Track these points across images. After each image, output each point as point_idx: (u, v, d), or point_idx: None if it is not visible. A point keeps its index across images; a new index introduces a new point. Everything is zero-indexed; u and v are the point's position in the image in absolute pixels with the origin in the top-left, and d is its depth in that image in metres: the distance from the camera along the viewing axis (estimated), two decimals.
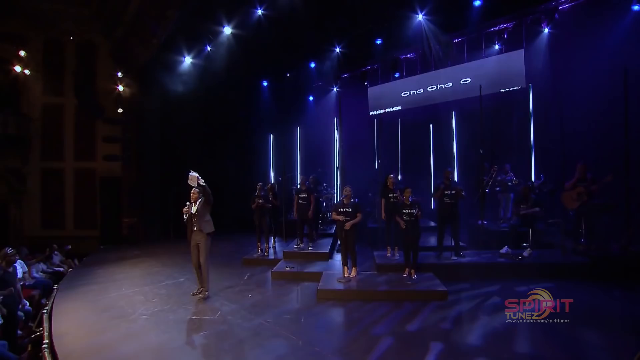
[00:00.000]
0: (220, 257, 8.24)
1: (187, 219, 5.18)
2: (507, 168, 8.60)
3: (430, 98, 11.13)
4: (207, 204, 5.13)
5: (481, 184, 8.41)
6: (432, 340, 3.67)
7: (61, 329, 4.39)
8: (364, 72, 12.93)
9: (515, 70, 9.37)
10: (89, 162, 11.09)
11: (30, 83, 10.69)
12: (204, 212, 5.09)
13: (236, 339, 3.88)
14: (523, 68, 9.24)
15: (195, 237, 5.14)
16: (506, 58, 9.53)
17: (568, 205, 6.32)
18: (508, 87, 9.51)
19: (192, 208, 5.14)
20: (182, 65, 10.34)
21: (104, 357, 3.60)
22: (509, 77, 9.48)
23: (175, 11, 8.23)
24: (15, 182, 10.74)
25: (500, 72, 9.63)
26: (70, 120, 11.01)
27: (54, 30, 10.82)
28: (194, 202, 5.15)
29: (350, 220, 5.53)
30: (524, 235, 6.21)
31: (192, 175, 5.06)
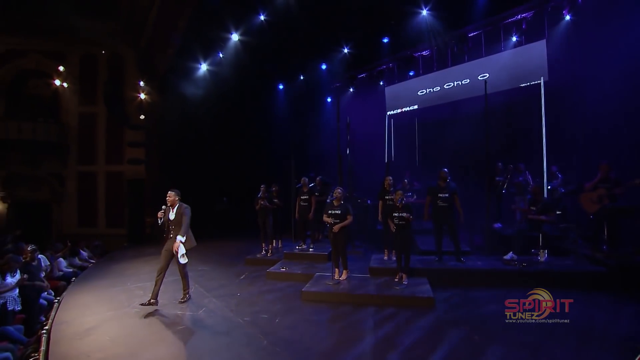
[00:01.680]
0: (226, 256, 8.52)
1: (161, 223, 5.00)
2: (522, 167, 8.00)
3: (447, 95, 10.67)
4: (186, 217, 4.86)
5: (495, 185, 7.94)
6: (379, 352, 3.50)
7: (62, 317, 4.80)
8: (380, 71, 12.72)
9: (537, 63, 8.70)
10: (117, 166, 11.97)
11: (68, 95, 11.78)
12: (182, 220, 4.83)
13: (207, 335, 3.98)
14: (545, 60, 8.56)
15: (171, 245, 4.87)
16: (526, 50, 8.88)
17: (587, 208, 5.73)
18: (529, 81, 8.85)
19: (169, 214, 4.95)
20: (198, 72, 10.83)
21: (84, 343, 3.90)
22: (529, 70, 8.81)
23: (185, 22, 8.64)
24: (56, 184, 11.88)
25: (521, 65, 8.99)
26: (102, 127, 11.98)
27: (88, 45, 11.83)
28: (170, 206, 4.97)
29: (339, 223, 5.44)
30: (535, 240, 5.70)
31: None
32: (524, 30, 8.70)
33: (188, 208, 4.99)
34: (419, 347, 3.54)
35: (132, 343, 3.83)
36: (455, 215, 5.86)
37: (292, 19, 8.92)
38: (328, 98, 14.06)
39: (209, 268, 7.39)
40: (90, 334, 4.15)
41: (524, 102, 9.07)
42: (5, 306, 5.78)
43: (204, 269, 7.28)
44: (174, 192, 5.04)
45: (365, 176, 12.39)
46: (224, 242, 10.43)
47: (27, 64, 12.08)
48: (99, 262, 8.53)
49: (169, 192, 5.02)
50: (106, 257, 9.19)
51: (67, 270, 8.12)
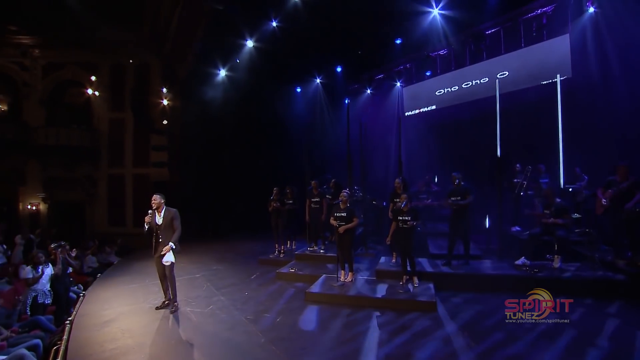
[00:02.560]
0: (241, 256, 8.76)
1: (148, 228, 4.84)
2: (542, 169, 7.65)
3: (465, 95, 10.41)
4: (177, 220, 4.81)
5: (513, 187, 7.65)
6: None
7: (85, 310, 5.18)
8: (398, 71, 12.60)
9: (559, 59, 8.31)
10: (143, 168, 12.63)
11: (99, 102, 12.60)
12: (173, 226, 4.79)
13: (211, 331, 4.17)
14: (568, 56, 8.16)
15: (160, 250, 4.76)
16: (548, 46, 8.51)
17: (596, 210, 5.44)
18: (551, 78, 8.45)
19: (156, 218, 4.82)
20: (217, 78, 11.23)
21: (100, 333, 4.22)
22: (551, 66, 8.43)
23: (203, 30, 9.00)
24: (89, 186, 12.72)
25: (542, 61, 8.63)
26: (129, 132, 12.69)
27: (117, 55, 12.60)
28: (157, 210, 4.83)
29: (344, 225, 5.48)
30: (550, 245, 5.46)
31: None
32: (545, 25, 8.33)
33: (177, 212, 4.91)
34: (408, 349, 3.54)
35: (141, 336, 4.08)
36: (467, 218, 5.70)
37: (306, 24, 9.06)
38: (346, 100, 14.08)
39: (223, 267, 7.64)
40: (107, 326, 4.46)
41: (546, 101, 8.67)
42: (36, 299, 6.33)
43: (218, 268, 7.54)
44: (159, 196, 4.91)
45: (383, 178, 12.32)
46: (241, 242, 10.74)
47: (64, 75, 13.04)
48: (123, 260, 9.05)
49: (154, 196, 4.88)
50: (130, 255, 9.73)
51: (95, 267, 8.69)
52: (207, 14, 8.52)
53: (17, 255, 8.37)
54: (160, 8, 10.39)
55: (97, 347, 3.88)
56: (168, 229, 4.78)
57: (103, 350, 3.78)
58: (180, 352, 3.67)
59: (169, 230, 4.79)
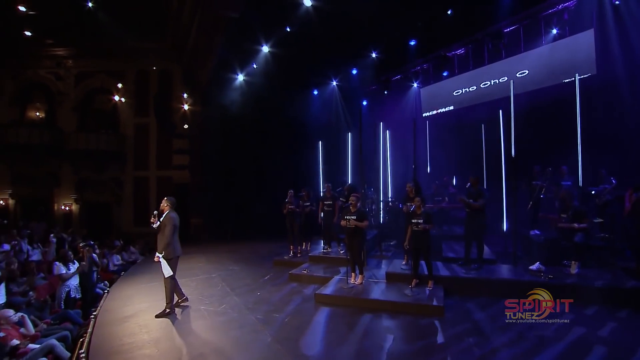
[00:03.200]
0: (257, 257, 8.95)
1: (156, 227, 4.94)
2: (565, 170, 7.34)
3: (483, 95, 10.19)
4: (168, 227, 4.83)
5: (533, 189, 7.41)
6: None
7: (108, 306, 5.50)
8: (415, 72, 12.48)
9: (583, 56, 7.98)
10: (166, 171, 13.16)
11: (125, 108, 13.26)
12: (164, 232, 4.84)
13: (221, 329, 4.32)
14: (593, 52, 7.83)
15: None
16: (570, 42, 8.19)
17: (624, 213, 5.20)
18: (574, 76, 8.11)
19: (157, 221, 4.91)
20: (236, 82, 11.54)
21: (120, 328, 4.48)
22: (574, 64, 8.11)
23: (221, 37, 9.30)
24: (116, 188, 13.40)
25: (564, 59, 8.33)
26: (153, 136, 13.27)
27: (142, 63, 13.22)
28: (160, 213, 4.96)
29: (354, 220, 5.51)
30: (567, 250, 5.27)
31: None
32: (566, 21, 8.03)
33: (173, 218, 4.91)
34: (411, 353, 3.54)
35: (156, 331, 4.30)
36: (481, 220, 5.60)
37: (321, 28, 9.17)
38: (363, 101, 14.08)
39: (239, 268, 7.84)
40: (126, 321, 4.73)
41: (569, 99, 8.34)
42: (69, 294, 6.78)
43: (234, 269, 7.75)
44: (165, 200, 5.02)
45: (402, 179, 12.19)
46: (258, 243, 10.94)
47: (94, 83, 13.83)
48: (145, 259, 9.46)
49: (163, 200, 5.02)
50: (153, 254, 10.14)
51: (120, 265, 9.16)
52: (223, 22, 8.79)
53: (50, 253, 8.94)
54: (181, 18, 10.82)
55: (116, 340, 4.13)
56: (161, 234, 4.88)
57: (122, 344, 4.03)
58: (190, 348, 3.84)
59: (161, 235, 4.87)
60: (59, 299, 6.54)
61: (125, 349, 3.90)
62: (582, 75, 8.01)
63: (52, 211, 13.61)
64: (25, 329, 4.99)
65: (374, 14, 9.20)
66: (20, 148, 13.12)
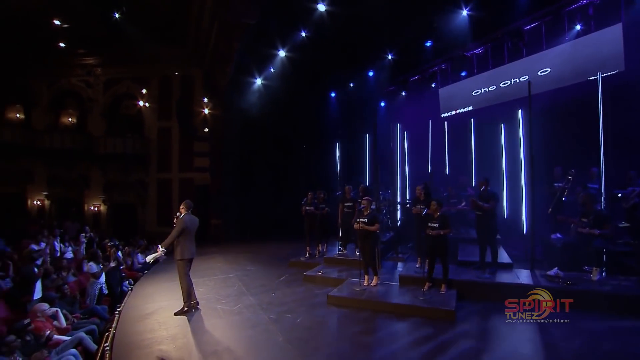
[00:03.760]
0: (274, 258, 9.10)
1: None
2: (595, 172, 7.04)
3: (503, 94, 9.90)
4: (176, 227, 5.05)
5: (554, 192, 7.17)
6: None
7: (131, 303, 5.80)
8: (433, 73, 12.30)
9: (610, 51, 7.61)
10: (188, 173, 13.64)
11: (149, 112, 13.84)
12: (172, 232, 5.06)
13: (235, 328, 4.49)
14: (621, 47, 7.46)
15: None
16: (596, 38, 7.83)
17: None
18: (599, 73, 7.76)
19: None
20: (254, 86, 11.79)
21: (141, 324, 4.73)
22: (600, 60, 7.75)
23: (239, 43, 9.56)
24: (140, 190, 14.00)
25: (589, 55, 7.95)
26: (176, 139, 13.78)
27: (165, 69, 13.77)
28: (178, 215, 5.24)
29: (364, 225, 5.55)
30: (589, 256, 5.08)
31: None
32: (592, 15, 7.70)
33: (185, 220, 5.15)
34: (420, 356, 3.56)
35: (174, 328, 4.52)
36: (491, 224, 5.51)
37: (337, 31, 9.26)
38: (381, 103, 14.03)
39: (255, 268, 8.03)
40: (147, 318, 4.98)
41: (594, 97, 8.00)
42: (102, 290, 7.19)
43: (251, 269, 7.95)
44: (183, 203, 5.37)
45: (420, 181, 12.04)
46: (276, 244, 11.12)
47: (121, 89, 14.53)
48: (168, 259, 9.82)
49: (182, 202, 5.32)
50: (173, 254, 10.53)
51: (143, 263, 9.57)
52: (241, 28, 9.04)
53: (80, 252, 9.49)
54: (201, 24, 11.19)
55: (137, 336, 4.37)
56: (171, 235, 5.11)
57: (142, 339, 4.26)
58: (204, 345, 4.02)
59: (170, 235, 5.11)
60: (92, 296, 6.93)
61: (145, 344, 4.12)
62: (609, 72, 7.68)
63: (83, 211, 14.39)
64: (58, 322, 5.36)
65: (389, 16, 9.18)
66: (55, 152, 14.01)
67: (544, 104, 8.96)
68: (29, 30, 12.07)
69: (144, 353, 3.91)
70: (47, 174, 14.48)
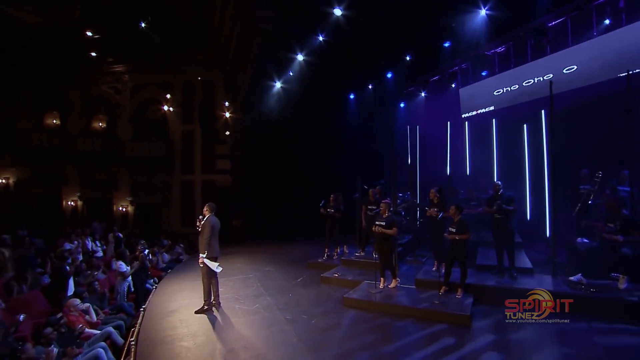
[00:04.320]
0: (293, 259, 9.23)
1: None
2: (626, 175, 6.71)
3: (526, 94, 9.61)
4: (206, 229, 5.26)
5: (580, 195, 6.90)
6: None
7: (155, 300, 6.08)
8: (453, 73, 12.09)
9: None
10: (210, 175, 14.06)
11: (173, 116, 14.38)
12: (203, 234, 5.28)
13: (253, 327, 4.63)
14: None
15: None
16: (627, 32, 7.46)
17: None
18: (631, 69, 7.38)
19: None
20: (274, 90, 12.01)
21: (164, 321, 4.95)
22: (632, 55, 7.39)
23: (258, 47, 9.79)
24: (165, 191, 14.56)
25: (619, 51, 7.60)
26: (198, 142, 14.27)
27: (188, 74, 14.27)
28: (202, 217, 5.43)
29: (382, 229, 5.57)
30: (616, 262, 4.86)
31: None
32: (622, 8, 7.35)
33: (210, 221, 5.33)
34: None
35: (194, 326, 4.72)
36: (508, 228, 5.39)
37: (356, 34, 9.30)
38: (401, 104, 13.93)
39: (274, 269, 8.18)
40: (169, 316, 5.22)
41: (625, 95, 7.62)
42: (129, 288, 7.57)
43: (270, 270, 8.11)
44: (206, 205, 5.54)
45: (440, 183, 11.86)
46: (295, 245, 11.26)
47: (146, 95, 15.18)
48: (190, 258, 10.19)
49: (205, 205, 5.56)
50: (193, 255, 10.88)
51: (168, 262, 9.97)
52: (260, 33, 9.26)
53: (109, 251, 10.00)
54: (222, 30, 11.52)
55: (160, 332, 4.60)
56: (201, 236, 5.33)
57: (164, 335, 4.48)
58: (222, 343, 4.18)
59: (201, 237, 5.32)
60: (122, 293, 7.32)
61: (167, 340, 4.34)
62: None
63: (111, 212, 15.14)
64: (90, 316, 5.73)
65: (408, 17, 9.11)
66: (87, 155, 14.87)
67: (570, 103, 8.61)
68: (64, 42, 12.85)
69: (167, 349, 4.12)
70: (80, 176, 15.38)
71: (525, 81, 9.58)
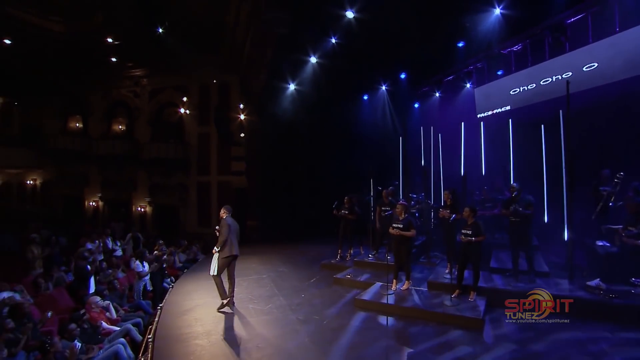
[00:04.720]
0: (307, 259, 9.29)
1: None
2: None
3: (544, 93, 9.36)
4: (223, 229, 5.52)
5: (600, 196, 6.69)
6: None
7: (172, 299, 6.25)
8: (468, 72, 11.91)
9: None
10: (226, 176, 14.32)
11: (189, 119, 14.73)
12: (221, 234, 5.57)
13: (266, 326, 4.72)
14: None
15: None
16: None
17: None
18: None
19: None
20: (287, 92, 12.12)
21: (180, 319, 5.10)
22: None
23: (272, 50, 9.93)
24: (182, 192, 14.92)
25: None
26: (214, 144, 14.56)
27: (204, 77, 14.59)
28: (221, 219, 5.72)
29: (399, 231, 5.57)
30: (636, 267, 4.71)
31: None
32: None
33: (226, 222, 5.62)
34: None
35: (209, 324, 4.85)
36: (526, 231, 5.29)
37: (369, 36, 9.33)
38: (415, 104, 13.82)
39: (288, 270, 8.27)
40: (185, 314, 5.37)
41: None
42: (146, 287, 7.81)
43: (283, 270, 8.19)
44: (223, 208, 5.83)
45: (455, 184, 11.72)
46: (309, 246, 11.28)
47: (164, 98, 15.60)
48: (206, 258, 10.40)
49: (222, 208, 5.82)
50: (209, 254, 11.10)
51: (184, 262, 10.22)
52: (274, 36, 9.39)
53: (128, 250, 10.33)
54: (236, 34, 11.73)
55: (176, 330, 4.74)
56: (220, 237, 5.57)
57: (180, 333, 4.62)
58: (236, 341, 4.29)
59: (220, 239, 5.57)
60: (138, 292, 7.58)
61: (183, 338, 4.47)
62: None
63: (130, 212, 15.62)
64: (110, 313, 5.95)
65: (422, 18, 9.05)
66: (107, 157, 15.43)
67: (590, 101, 8.35)
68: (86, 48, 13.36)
69: (182, 346, 4.25)
70: (101, 178, 15.97)
71: (543, 80, 9.33)
